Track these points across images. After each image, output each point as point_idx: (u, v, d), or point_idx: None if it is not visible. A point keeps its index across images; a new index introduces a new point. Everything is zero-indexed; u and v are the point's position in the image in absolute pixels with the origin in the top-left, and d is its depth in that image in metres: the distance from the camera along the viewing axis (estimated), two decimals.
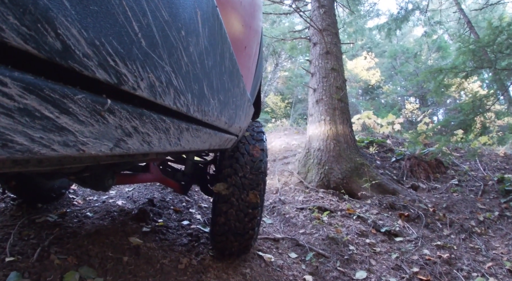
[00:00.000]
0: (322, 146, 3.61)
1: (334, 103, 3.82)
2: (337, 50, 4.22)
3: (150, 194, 2.19)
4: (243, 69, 0.91)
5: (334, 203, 2.79)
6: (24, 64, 0.23)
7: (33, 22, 0.21)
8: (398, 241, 2.23)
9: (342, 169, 3.36)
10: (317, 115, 3.86)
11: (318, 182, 3.34)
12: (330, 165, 3.41)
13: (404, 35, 22.97)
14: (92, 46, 0.27)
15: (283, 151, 4.99)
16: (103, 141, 0.34)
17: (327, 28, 4.26)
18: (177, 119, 0.50)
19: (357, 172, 3.36)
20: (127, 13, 0.30)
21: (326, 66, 4.05)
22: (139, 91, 0.35)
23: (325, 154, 3.53)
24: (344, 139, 3.65)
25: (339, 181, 3.28)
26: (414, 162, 3.95)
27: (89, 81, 0.29)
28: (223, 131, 0.83)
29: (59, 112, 0.26)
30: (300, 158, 3.84)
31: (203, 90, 0.54)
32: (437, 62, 16.18)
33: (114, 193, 2.15)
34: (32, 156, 0.26)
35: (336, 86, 3.94)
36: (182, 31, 0.42)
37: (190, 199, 2.28)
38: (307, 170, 3.57)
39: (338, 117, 3.75)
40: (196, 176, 1.67)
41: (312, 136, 3.81)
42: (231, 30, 0.74)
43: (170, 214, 1.89)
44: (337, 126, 3.71)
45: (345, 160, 3.46)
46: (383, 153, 4.47)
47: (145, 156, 0.71)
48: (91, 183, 1.03)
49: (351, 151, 3.60)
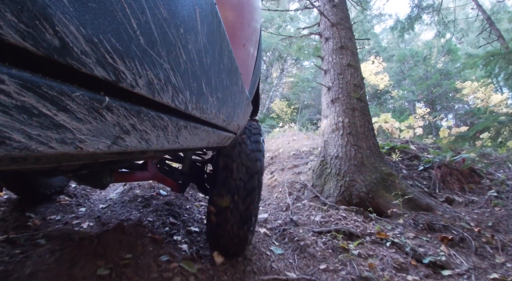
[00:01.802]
0: (340, 152, 3.07)
1: (352, 103, 3.33)
2: (352, 45, 3.83)
3: (125, 214, 1.78)
4: (241, 67, 0.91)
5: (360, 224, 2.30)
6: (22, 61, 0.23)
7: (31, 19, 0.21)
8: (446, 276, 1.75)
9: (366, 181, 2.80)
10: (334, 117, 3.36)
11: (338, 196, 2.78)
12: (351, 175, 2.86)
13: (412, 39, 22.97)
14: (90, 43, 0.27)
15: (292, 159, 4.43)
16: (101, 138, 0.34)
17: (340, 22, 3.93)
18: (175, 117, 0.50)
19: (384, 184, 2.79)
20: (125, 10, 0.29)
21: (342, 62, 3.64)
22: (137, 89, 0.35)
23: (344, 162, 2.99)
24: (367, 145, 3.11)
25: (364, 196, 2.71)
26: (445, 171, 3.43)
27: (87, 79, 0.29)
28: (221, 129, 0.83)
29: (57, 109, 0.26)
30: (314, 167, 3.30)
31: (202, 87, 0.54)
32: (447, 66, 16.00)
33: (84, 211, 1.86)
34: (30, 154, 0.26)
35: (354, 83, 3.48)
36: (180, 28, 0.41)
37: (177, 221, 1.82)
38: (324, 182, 3.02)
39: (358, 119, 3.25)
40: (193, 174, 1.67)
41: (328, 141, 3.30)
42: (230, 28, 0.74)
43: (145, 245, 1.39)
44: (358, 130, 3.18)
45: (369, 169, 2.90)
46: (408, 160, 3.87)
47: (143, 153, 0.71)
48: (88, 181, 1.03)
49: (375, 159, 3.04)
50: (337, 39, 3.77)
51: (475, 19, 7.68)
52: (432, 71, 15.98)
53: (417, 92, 16.68)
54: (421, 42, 21.18)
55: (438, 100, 16.78)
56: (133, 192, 2.23)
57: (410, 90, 17.42)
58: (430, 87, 15.69)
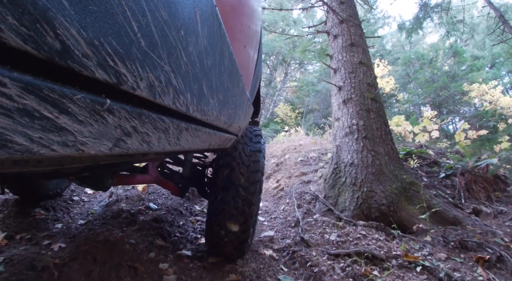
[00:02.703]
0: (356, 159, 2.73)
1: (367, 104, 3.05)
2: (363, 43, 3.62)
3: (105, 233, 1.51)
4: (242, 68, 0.91)
5: (383, 243, 1.98)
6: (23, 64, 0.23)
7: (32, 22, 0.21)
8: None
9: (387, 191, 2.47)
10: (346, 119, 3.05)
11: (355, 210, 2.45)
12: (369, 185, 2.53)
13: (417, 42, 22.92)
14: (91, 46, 0.27)
15: (300, 165, 4.07)
16: (102, 141, 0.34)
17: (349, 19, 3.74)
18: (176, 119, 0.50)
19: (406, 195, 2.48)
20: (126, 13, 0.30)
21: (353, 60, 3.39)
22: (138, 91, 0.35)
23: (361, 170, 2.65)
24: (385, 150, 2.77)
25: (384, 209, 2.39)
26: (469, 178, 3.10)
27: (88, 81, 0.29)
28: (222, 130, 0.83)
29: (58, 112, 0.26)
30: (326, 176, 2.95)
31: (203, 89, 0.54)
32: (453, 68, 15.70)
33: (59, 228, 1.62)
34: (32, 156, 0.26)
35: (367, 83, 3.20)
36: (181, 30, 0.42)
37: (166, 243, 1.58)
38: (338, 193, 2.67)
39: (374, 121, 2.95)
40: (194, 178, 1.67)
41: (341, 146, 2.98)
42: (230, 30, 0.74)
43: (121, 278, 1.17)
44: (374, 133, 2.86)
45: (389, 178, 2.58)
46: (427, 166, 3.53)
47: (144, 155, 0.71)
48: (90, 183, 1.03)
49: (395, 166, 2.71)
50: (346, 36, 3.57)
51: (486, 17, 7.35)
52: (438, 74, 15.65)
53: (423, 96, 16.38)
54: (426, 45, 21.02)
55: (444, 103, 16.51)
56: (118, 206, 1.97)
57: (416, 93, 17.16)
58: (437, 90, 15.34)
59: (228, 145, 1.06)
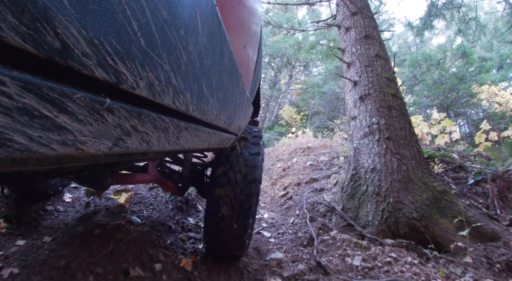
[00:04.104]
0: (378, 163, 2.39)
1: (387, 100, 2.74)
2: (378, 35, 3.41)
3: (69, 257, 1.22)
4: (242, 68, 0.91)
5: (417, 268, 1.66)
6: (23, 63, 0.23)
7: (32, 21, 0.21)
8: None
9: (417, 203, 2.13)
10: (365, 117, 2.73)
11: (380, 225, 2.10)
12: (396, 195, 2.19)
13: (424, 44, 22.85)
14: (91, 45, 0.27)
15: (309, 170, 3.69)
16: (102, 140, 0.34)
17: (361, 11, 3.53)
18: (176, 118, 0.50)
19: (438, 206, 2.14)
20: (126, 12, 0.30)
21: (368, 52, 3.14)
22: (138, 91, 0.35)
23: (385, 177, 2.31)
24: (411, 154, 2.44)
25: (415, 224, 2.04)
26: (502, 185, 2.81)
27: (88, 80, 0.29)
28: (222, 130, 0.83)
29: (58, 111, 0.26)
30: (343, 183, 2.59)
31: (202, 89, 0.54)
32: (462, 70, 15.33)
33: (20, 247, 1.34)
34: (31, 155, 0.26)
35: (386, 77, 2.92)
36: (181, 30, 0.42)
37: (144, 272, 1.27)
38: (358, 204, 2.32)
39: (397, 120, 2.63)
40: (193, 178, 1.67)
41: (360, 149, 2.63)
42: (230, 29, 0.74)
43: None
44: (398, 133, 2.53)
45: (418, 186, 2.23)
46: (452, 171, 3.14)
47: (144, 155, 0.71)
48: (90, 182, 1.03)
49: (423, 172, 2.37)
50: (360, 28, 3.36)
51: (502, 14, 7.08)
52: (446, 75, 15.36)
53: (431, 98, 16.08)
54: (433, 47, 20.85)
55: (452, 106, 16.29)
56: (94, 219, 1.65)
57: (423, 95, 16.85)
58: (445, 92, 15.04)
59: (228, 144, 1.06)
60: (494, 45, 18.02)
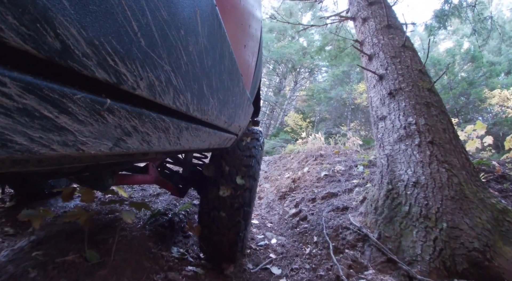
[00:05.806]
0: (422, 175, 1.85)
1: (424, 96, 2.25)
2: (400, 26, 3.08)
3: None
4: (242, 68, 0.91)
5: None
6: (23, 64, 0.23)
7: (32, 22, 0.21)
8: None
9: (477, 227, 1.58)
10: (397, 117, 2.23)
11: (432, 261, 1.53)
12: (450, 218, 1.64)
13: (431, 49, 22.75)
14: (91, 45, 0.27)
15: (325, 182, 3.08)
16: (102, 140, 0.34)
17: (378, 0, 3.27)
18: (176, 119, 0.50)
19: (500, 230, 1.60)
20: (126, 12, 0.30)
21: (393, 42, 2.73)
22: (138, 91, 0.35)
23: (433, 193, 1.75)
24: (459, 162, 1.89)
25: (477, 257, 1.48)
26: None
27: (88, 81, 0.29)
28: (222, 130, 0.83)
29: (59, 112, 0.26)
30: (376, 202, 2.01)
31: (203, 89, 0.54)
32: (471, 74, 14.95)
33: None
34: (32, 156, 0.26)
35: (418, 69, 2.47)
36: (181, 30, 0.41)
37: None
38: (399, 231, 1.73)
39: (438, 119, 2.11)
40: (194, 179, 1.67)
41: (394, 156, 2.10)
42: (231, 29, 0.74)
43: None
44: (441, 136, 2.00)
45: (475, 204, 1.69)
46: (494, 182, 2.55)
47: (144, 155, 0.71)
48: (90, 183, 1.03)
49: (476, 185, 1.82)
50: (379, 17, 3.05)
51: None
52: (456, 80, 15.01)
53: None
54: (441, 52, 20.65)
55: (462, 111, 15.85)
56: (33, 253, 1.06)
57: None
58: (456, 97, 14.60)
59: (228, 144, 1.06)
60: (503, 49, 17.83)
